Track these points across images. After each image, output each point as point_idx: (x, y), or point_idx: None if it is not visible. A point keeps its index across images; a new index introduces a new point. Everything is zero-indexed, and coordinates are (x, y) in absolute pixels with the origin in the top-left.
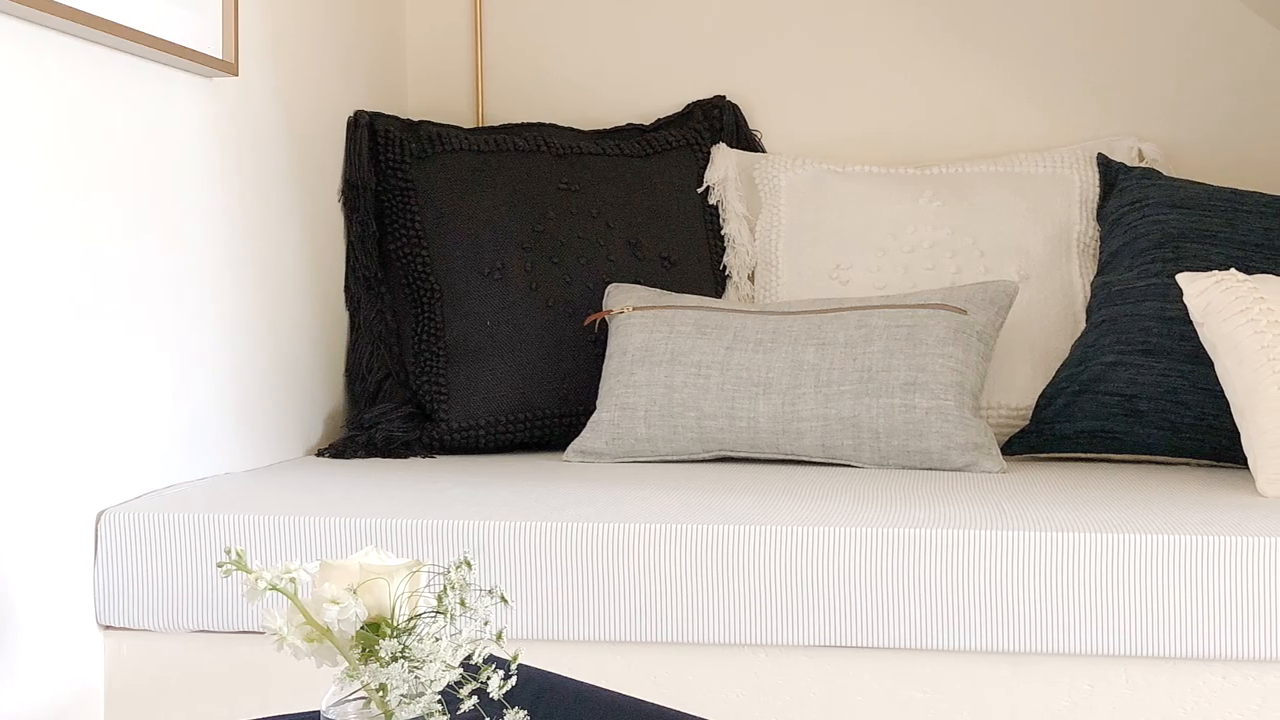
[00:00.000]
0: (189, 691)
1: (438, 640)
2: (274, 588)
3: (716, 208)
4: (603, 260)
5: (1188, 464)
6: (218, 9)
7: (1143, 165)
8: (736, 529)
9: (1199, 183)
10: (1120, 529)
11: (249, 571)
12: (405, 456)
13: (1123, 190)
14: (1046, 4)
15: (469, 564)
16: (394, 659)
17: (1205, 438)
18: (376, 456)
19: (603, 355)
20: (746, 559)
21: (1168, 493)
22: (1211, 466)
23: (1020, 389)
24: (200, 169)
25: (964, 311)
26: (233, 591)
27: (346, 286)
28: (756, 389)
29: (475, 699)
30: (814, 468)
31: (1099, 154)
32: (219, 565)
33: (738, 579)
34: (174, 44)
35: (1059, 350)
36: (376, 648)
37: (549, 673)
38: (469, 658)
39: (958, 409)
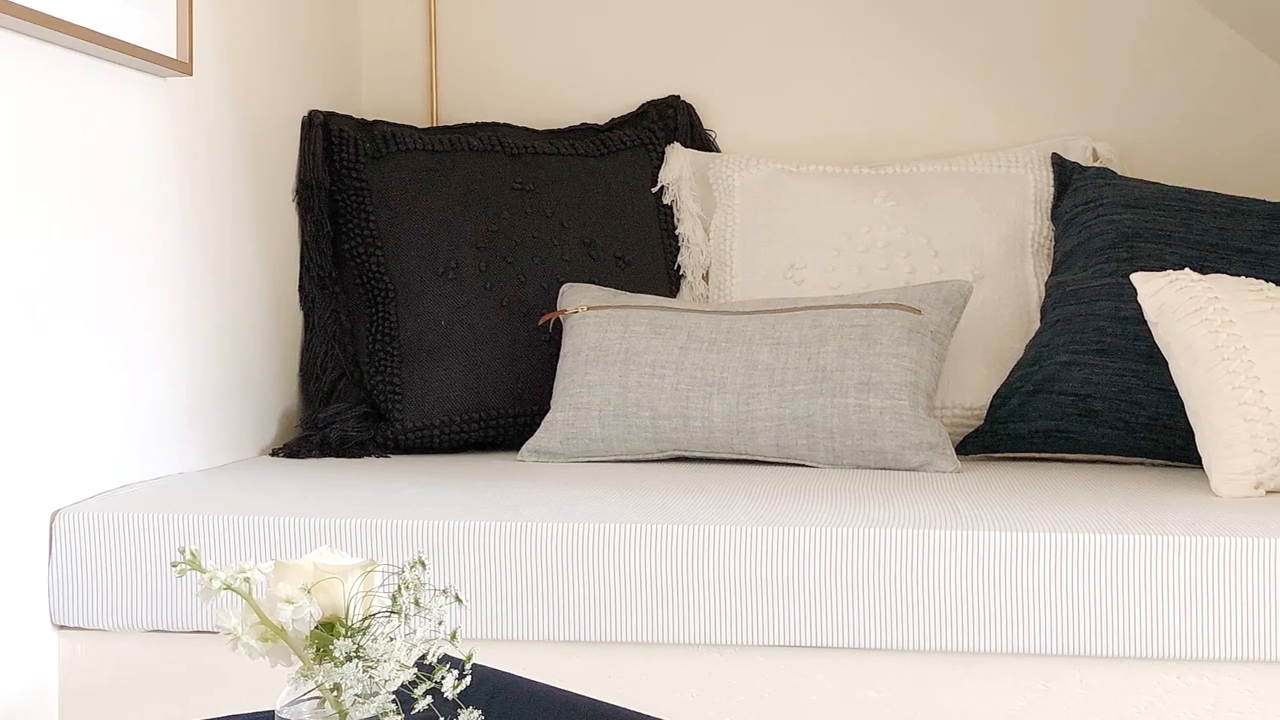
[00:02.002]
0: (144, 691)
1: (392, 640)
2: (228, 587)
3: (671, 207)
4: (557, 260)
5: (1142, 464)
6: (172, 9)
7: (1097, 165)
8: (690, 529)
9: (1153, 183)
10: (1075, 529)
11: (203, 571)
12: (360, 456)
13: (1077, 190)
14: (1001, 4)
15: (423, 564)
16: (348, 659)
17: (1160, 437)
18: (331, 456)
19: (557, 355)
20: (701, 559)
21: (1122, 492)
22: (1166, 466)
23: (974, 389)
24: (155, 169)
25: (918, 311)
26: (187, 591)
27: (301, 286)
28: (711, 389)
29: (430, 699)
30: (768, 467)
31: (1053, 154)
32: (174, 565)
33: (692, 579)
34: (129, 44)
35: (1013, 350)
36: (331, 647)
37: (503, 672)
38: (423, 657)
39: (912, 409)
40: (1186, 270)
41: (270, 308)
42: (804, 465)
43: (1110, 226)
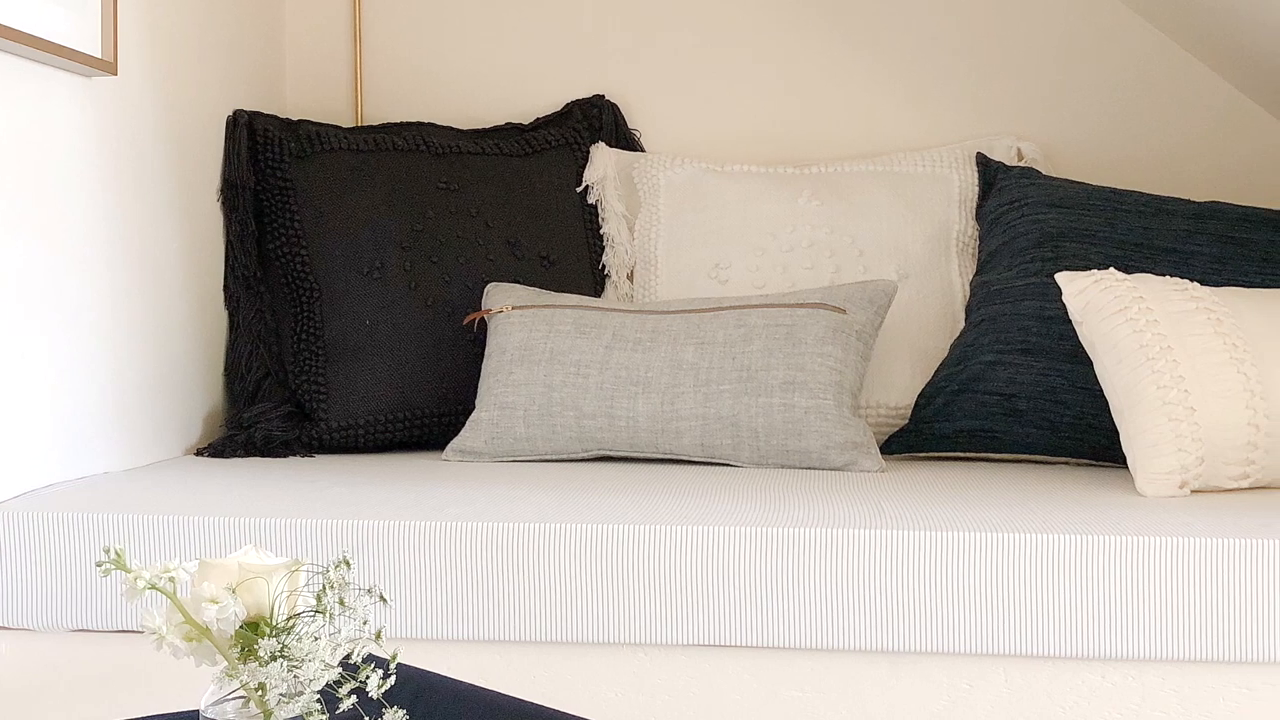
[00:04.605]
0: (69, 690)
1: (317, 639)
2: (153, 587)
3: (595, 207)
4: (482, 259)
5: (1067, 463)
6: (96, 8)
7: (1022, 164)
8: (615, 528)
9: (1078, 182)
10: (999, 528)
11: (128, 571)
12: (284, 456)
13: (1002, 189)
14: (925, 3)
15: (348, 563)
16: (273, 658)
17: (1084, 437)
18: (256, 456)
19: (482, 354)
20: (625, 559)
21: (1047, 492)
22: (1090, 465)
23: (899, 388)
24: (80, 168)
25: (843, 311)
26: (112, 591)
27: (226, 286)
28: (635, 388)
29: (354, 698)
30: (693, 467)
31: (978, 153)
32: (98, 564)
33: (616, 578)
34: (52, 43)
35: (938, 349)
36: (255, 647)
37: (428, 672)
38: (348, 657)
39: (837, 408)
40: (1111, 270)
41: (195, 307)
42: (729, 465)
43: (1035, 226)
